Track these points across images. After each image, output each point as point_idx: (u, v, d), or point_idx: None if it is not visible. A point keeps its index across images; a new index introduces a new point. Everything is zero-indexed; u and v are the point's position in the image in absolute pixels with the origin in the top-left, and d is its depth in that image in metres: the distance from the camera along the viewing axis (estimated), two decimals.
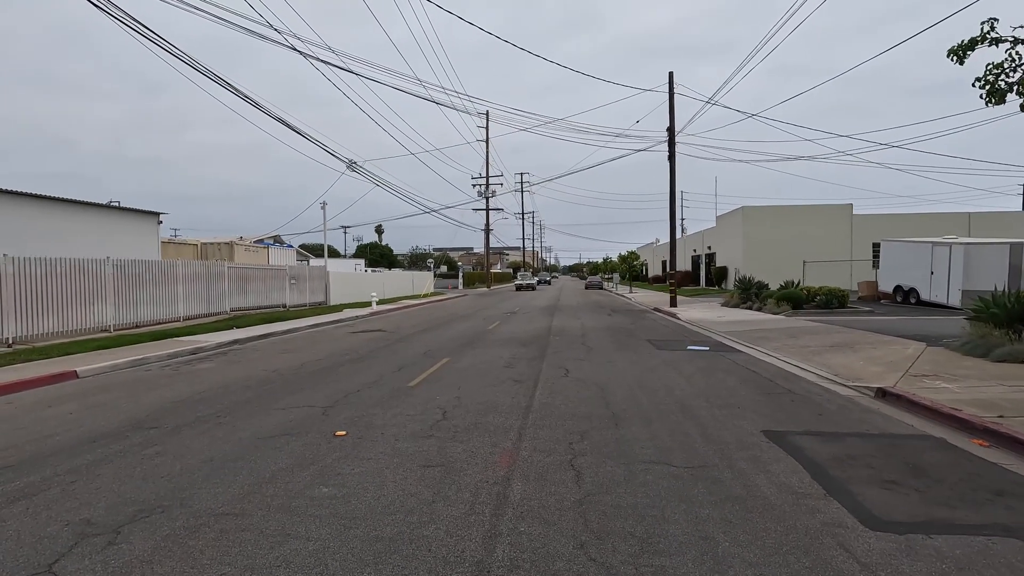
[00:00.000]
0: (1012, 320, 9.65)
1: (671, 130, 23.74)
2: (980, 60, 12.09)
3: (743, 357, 10.56)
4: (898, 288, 22.87)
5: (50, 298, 13.37)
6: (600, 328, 16.24)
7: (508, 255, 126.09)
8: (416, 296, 37.71)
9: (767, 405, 6.70)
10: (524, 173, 79.08)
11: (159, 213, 24.32)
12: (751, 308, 21.29)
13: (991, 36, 7.18)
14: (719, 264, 42.32)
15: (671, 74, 23.55)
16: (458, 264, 78.69)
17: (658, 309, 23.17)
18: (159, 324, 16.81)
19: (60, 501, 4.02)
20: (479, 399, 7.14)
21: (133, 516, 3.73)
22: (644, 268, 62.33)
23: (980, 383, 7.25)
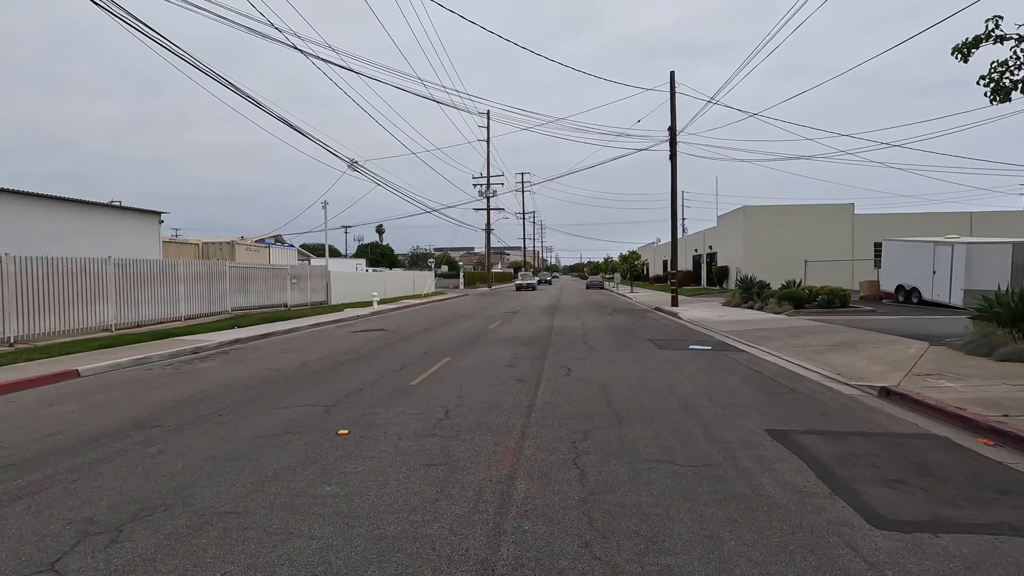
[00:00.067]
0: (1016, 319, 9.61)
1: (672, 129, 23.71)
2: (984, 58, 12.06)
3: (745, 356, 10.53)
4: (900, 288, 22.83)
5: (52, 297, 13.37)
6: (601, 328, 16.22)
7: (509, 255, 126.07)
8: (417, 296, 37.70)
9: (770, 404, 6.68)
10: (525, 173, 79.11)
11: (160, 212, 24.33)
12: (753, 308, 21.26)
13: (996, 34, 7.15)
14: (720, 264, 42.28)
15: (672, 73, 23.53)
16: (459, 264, 78.70)
17: (659, 309, 23.14)
18: (160, 323, 16.81)
19: (62, 499, 4.00)
20: (481, 398, 7.13)
21: (135, 514, 3.72)
22: (645, 268, 62.27)
23: (984, 382, 7.23)
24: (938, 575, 2.87)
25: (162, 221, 24.55)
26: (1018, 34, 7.12)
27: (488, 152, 51.58)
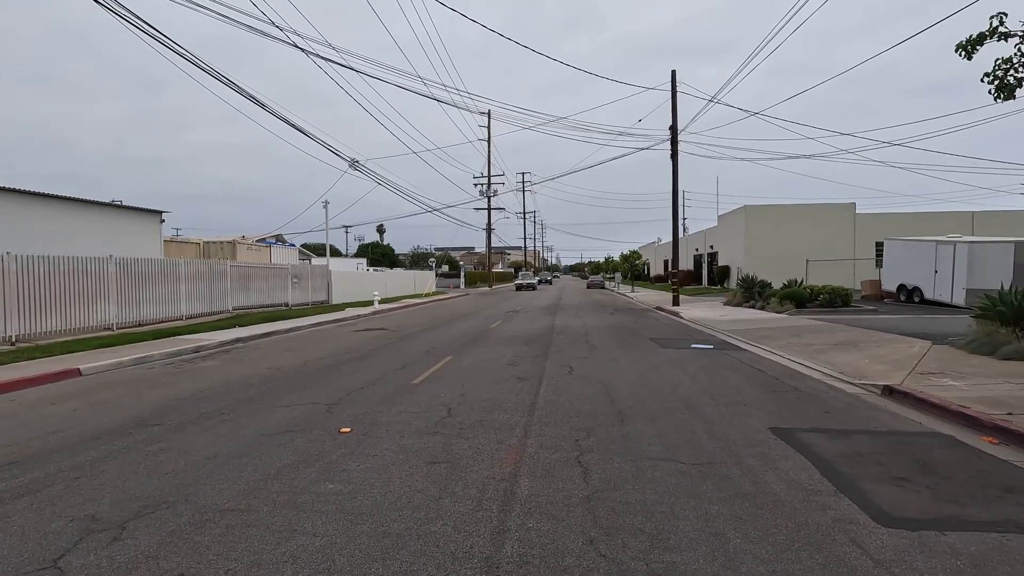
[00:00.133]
0: (1019, 318, 9.59)
1: (674, 128, 23.68)
2: (988, 55, 12.03)
3: (747, 355, 10.51)
4: (902, 287, 22.79)
5: (53, 296, 13.36)
6: (603, 327, 16.20)
7: (510, 255, 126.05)
8: (418, 295, 37.70)
9: (773, 403, 6.66)
10: (526, 172, 78.93)
11: (161, 212, 24.30)
12: (754, 307, 21.23)
13: (1000, 31, 7.13)
14: (721, 263, 42.24)
15: (673, 72, 23.48)
16: (459, 264, 78.72)
17: (661, 308, 23.12)
18: (162, 322, 16.81)
19: (64, 497, 3.99)
20: (484, 396, 7.11)
21: (138, 512, 3.71)
22: (646, 267, 62.21)
23: (987, 381, 7.21)
24: (945, 573, 2.86)
25: (163, 220, 24.54)
26: (1023, 31, 7.09)
27: (489, 151, 51.59)
